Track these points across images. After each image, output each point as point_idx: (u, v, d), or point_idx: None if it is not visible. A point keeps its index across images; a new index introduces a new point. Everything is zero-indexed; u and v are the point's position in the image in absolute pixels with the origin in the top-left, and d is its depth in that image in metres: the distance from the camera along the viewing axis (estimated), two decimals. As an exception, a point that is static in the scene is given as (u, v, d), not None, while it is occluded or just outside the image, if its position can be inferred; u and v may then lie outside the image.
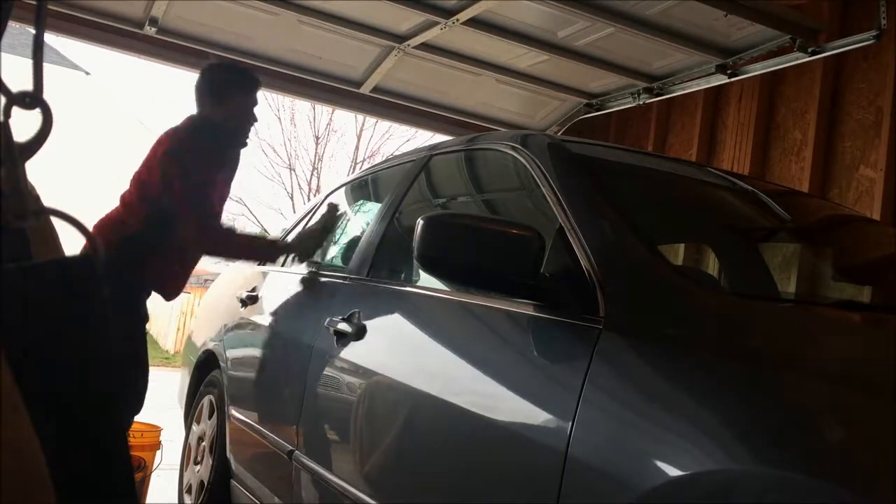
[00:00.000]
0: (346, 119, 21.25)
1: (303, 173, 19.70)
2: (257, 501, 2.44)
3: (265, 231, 17.61)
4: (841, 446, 0.93)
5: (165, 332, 13.76)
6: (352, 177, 3.21)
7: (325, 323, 2.14)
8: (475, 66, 3.88)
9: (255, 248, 2.91)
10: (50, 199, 0.57)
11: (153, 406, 2.55)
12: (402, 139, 18.59)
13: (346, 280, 2.31)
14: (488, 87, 4.11)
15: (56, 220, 0.57)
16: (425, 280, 1.98)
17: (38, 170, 0.69)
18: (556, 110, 4.36)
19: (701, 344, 1.19)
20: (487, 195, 2.34)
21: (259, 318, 2.80)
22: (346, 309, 2.11)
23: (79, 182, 16.84)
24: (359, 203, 3.02)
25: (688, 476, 1.00)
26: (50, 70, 4.01)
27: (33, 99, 0.55)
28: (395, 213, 2.30)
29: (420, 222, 1.46)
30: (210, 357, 3.15)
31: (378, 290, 2.16)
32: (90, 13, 3.51)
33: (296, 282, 2.74)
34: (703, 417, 1.06)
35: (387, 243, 2.25)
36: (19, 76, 0.58)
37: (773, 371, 1.06)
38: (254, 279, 3.14)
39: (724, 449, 0.99)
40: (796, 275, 2.58)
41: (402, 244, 2.20)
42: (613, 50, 3.55)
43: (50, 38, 5.48)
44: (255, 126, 2.79)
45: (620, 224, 1.54)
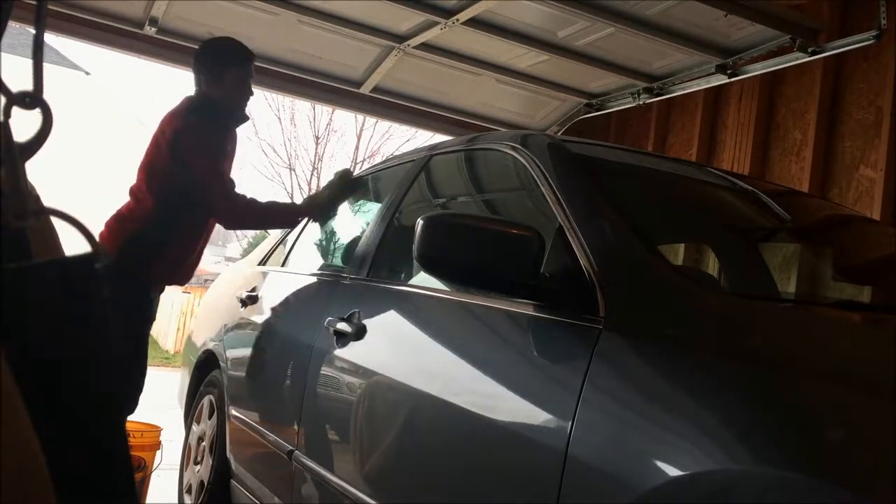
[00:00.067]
0: (346, 119, 21.28)
1: (303, 173, 19.70)
2: (257, 501, 2.44)
3: (265, 231, 17.61)
4: (841, 446, 0.93)
5: (165, 332, 13.76)
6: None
7: (325, 323, 2.14)
8: (475, 66, 3.88)
9: (280, 212, 2.97)
10: (50, 199, 0.57)
11: (153, 406, 2.55)
12: (402, 139, 18.59)
13: (346, 280, 2.31)
14: (488, 87, 4.10)
15: (56, 220, 0.57)
16: (425, 280, 1.98)
17: (38, 170, 0.69)
18: (556, 110, 4.35)
19: (701, 344, 1.19)
20: (487, 195, 2.34)
21: (259, 318, 2.80)
22: (346, 309, 2.11)
23: (79, 182, 16.85)
24: (359, 203, 3.02)
25: (688, 476, 1.00)
26: (50, 70, 4.01)
27: (33, 99, 0.55)
28: (395, 213, 2.30)
29: (420, 222, 1.46)
30: (210, 357, 3.14)
31: (378, 290, 2.16)
32: (90, 13, 3.51)
33: (296, 282, 2.74)
34: (703, 417, 1.06)
35: (387, 243, 2.25)
36: (19, 76, 0.58)
37: (773, 371, 1.06)
38: (254, 279, 3.14)
39: (724, 449, 0.99)
40: (796, 275, 2.58)
41: (402, 244, 2.20)
42: (613, 50, 3.55)
43: (50, 38, 5.48)
44: (254, 124, 2.85)
45: (620, 224, 1.54)
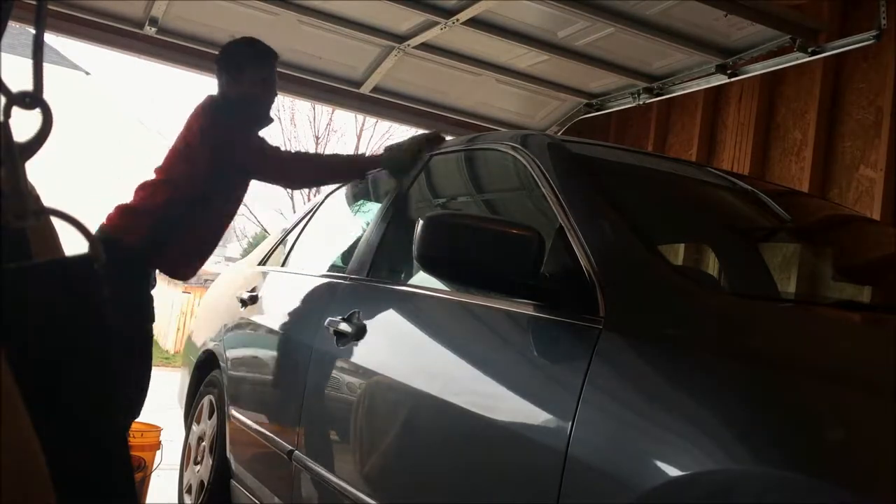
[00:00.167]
0: (346, 119, 21.27)
1: (303, 173, 19.64)
2: (257, 501, 2.44)
3: (265, 231, 17.61)
4: (841, 446, 0.93)
5: (165, 332, 13.76)
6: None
7: (325, 323, 2.14)
8: (475, 66, 3.87)
9: (343, 163, 2.81)
10: (50, 199, 0.57)
11: (153, 406, 2.55)
12: (398, 139, 18.57)
13: (346, 280, 2.31)
14: (488, 87, 4.10)
15: (56, 220, 0.57)
16: (425, 280, 1.98)
17: (38, 170, 0.69)
18: (556, 110, 4.35)
19: (701, 344, 1.19)
20: (487, 195, 2.34)
21: (259, 318, 2.80)
22: (346, 309, 2.11)
23: (79, 182, 16.85)
24: (359, 203, 3.02)
25: (688, 476, 1.00)
26: (50, 70, 4.01)
27: (33, 99, 0.55)
28: (395, 213, 2.30)
29: (420, 222, 1.46)
30: (210, 357, 3.14)
31: (378, 290, 2.16)
32: (90, 13, 3.51)
33: (296, 282, 2.74)
34: (703, 417, 1.06)
35: (387, 243, 2.25)
36: (19, 76, 0.58)
37: (773, 371, 1.06)
38: (254, 279, 3.14)
39: (724, 449, 0.99)
40: (796, 275, 2.58)
41: (402, 244, 2.20)
42: (613, 50, 3.55)
43: (50, 38, 5.48)
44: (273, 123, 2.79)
45: (620, 224, 1.54)
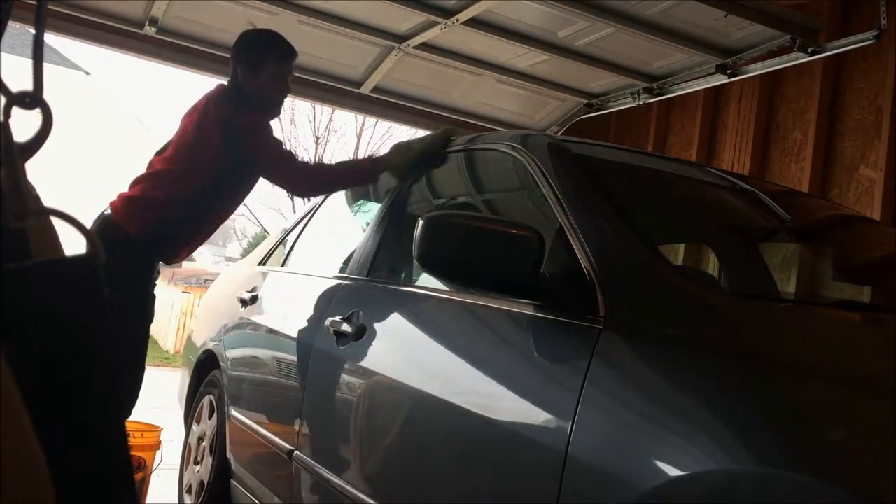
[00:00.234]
0: (346, 119, 21.27)
1: (303, 173, 19.67)
2: (257, 501, 2.44)
3: (265, 231, 17.61)
4: (841, 446, 0.93)
5: (165, 332, 13.76)
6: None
7: (326, 323, 2.14)
8: (475, 66, 3.87)
9: (352, 172, 2.76)
10: (50, 199, 0.57)
11: (153, 406, 2.54)
12: (402, 139, 18.59)
13: (346, 280, 2.31)
14: (488, 87, 4.10)
15: (56, 220, 0.57)
16: (425, 280, 1.98)
17: (38, 170, 0.69)
18: (556, 110, 4.35)
19: (701, 344, 1.19)
20: (487, 195, 2.34)
21: (259, 318, 2.80)
22: (346, 309, 2.11)
23: (79, 182, 16.85)
24: (359, 203, 3.02)
25: (688, 476, 1.00)
26: (50, 70, 4.01)
27: (33, 99, 0.55)
28: (396, 213, 2.30)
29: (420, 222, 1.46)
30: (210, 357, 3.14)
31: (378, 290, 2.16)
32: (90, 13, 3.51)
33: (296, 282, 2.74)
34: (703, 417, 1.06)
35: (386, 243, 2.25)
36: (19, 76, 0.58)
37: (772, 371, 1.06)
38: (254, 279, 3.14)
39: (724, 449, 0.99)
40: (796, 275, 2.58)
41: (401, 244, 2.20)
42: (613, 50, 3.55)
43: (50, 38, 5.47)
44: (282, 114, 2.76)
45: (620, 224, 1.54)
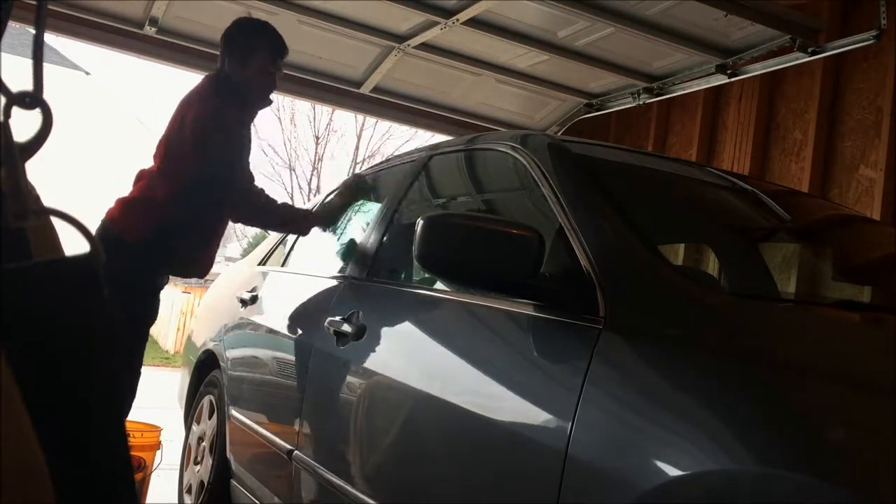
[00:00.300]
0: (346, 119, 21.28)
1: (303, 173, 19.74)
2: (257, 501, 2.44)
3: (265, 231, 17.59)
4: (841, 446, 0.93)
5: (165, 332, 13.76)
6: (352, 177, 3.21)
7: (325, 323, 2.14)
8: (475, 66, 3.87)
9: (289, 218, 2.81)
10: (50, 199, 0.57)
11: (153, 406, 2.54)
12: (402, 139, 18.60)
13: (346, 280, 2.31)
14: (488, 87, 4.10)
15: (56, 220, 0.57)
16: (425, 280, 1.98)
17: (38, 170, 0.69)
18: (556, 110, 4.35)
19: (701, 344, 1.19)
20: (487, 195, 2.34)
21: (259, 318, 2.80)
22: (346, 309, 2.11)
23: (79, 182, 16.84)
24: (359, 203, 3.02)
25: (688, 476, 1.00)
26: (50, 70, 4.01)
27: (33, 99, 0.55)
28: (395, 213, 2.30)
29: (420, 222, 1.46)
30: (210, 357, 3.15)
31: (378, 290, 2.16)
32: (90, 13, 3.51)
33: (296, 282, 2.74)
34: (703, 417, 1.06)
35: (387, 243, 2.25)
36: (19, 76, 0.58)
37: (772, 371, 1.06)
38: (254, 279, 3.14)
39: (724, 449, 0.99)
40: (796, 275, 2.58)
41: (402, 244, 2.20)
42: (613, 50, 3.55)
43: (50, 38, 5.48)
44: (255, 124, 2.74)
45: (620, 224, 1.54)
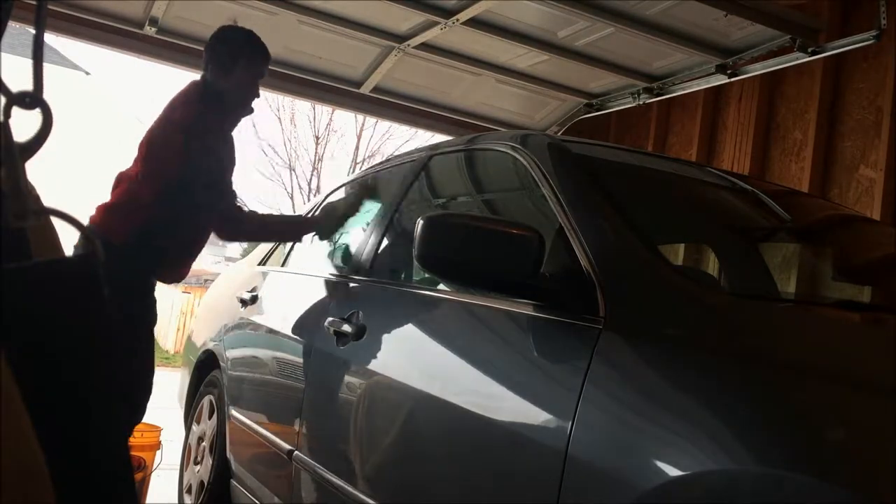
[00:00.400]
0: (346, 119, 21.29)
1: (303, 173, 19.72)
2: (257, 501, 2.44)
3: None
4: (841, 446, 0.93)
5: (165, 332, 13.76)
6: (352, 177, 3.21)
7: (325, 323, 2.14)
8: (475, 66, 3.88)
9: (277, 230, 2.86)
10: (50, 199, 0.57)
11: (153, 406, 2.55)
12: (402, 139, 18.59)
13: (345, 280, 2.31)
14: (488, 87, 4.10)
15: (56, 220, 0.57)
16: (425, 280, 1.98)
17: (38, 170, 0.69)
18: (556, 110, 4.35)
19: (701, 344, 1.19)
20: (487, 195, 2.34)
21: (259, 318, 2.80)
22: (346, 309, 2.11)
23: (79, 182, 16.84)
24: (359, 204, 3.02)
25: (688, 476, 1.00)
26: (50, 70, 4.01)
27: (33, 99, 0.55)
28: (395, 213, 2.30)
29: (420, 222, 1.46)
30: (210, 357, 3.14)
31: (378, 290, 2.15)
32: (90, 13, 3.51)
33: (296, 282, 2.74)
34: (703, 417, 1.06)
35: (387, 243, 2.25)
36: (19, 76, 0.58)
37: (772, 371, 1.06)
38: (254, 279, 3.14)
39: (724, 449, 0.99)
40: (796, 275, 2.58)
41: (402, 244, 2.20)
42: (613, 50, 3.55)
43: (50, 38, 5.48)
44: (254, 123, 2.75)
45: (620, 224, 1.54)
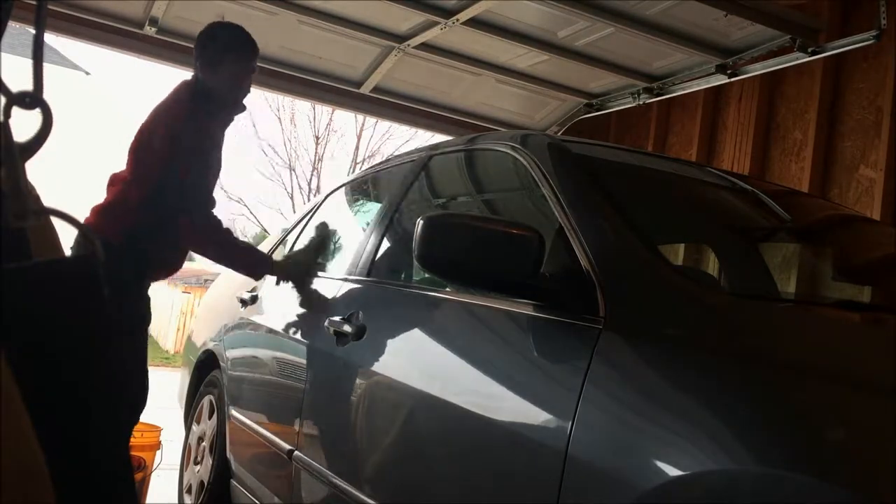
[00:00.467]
0: (346, 119, 21.29)
1: (303, 173, 19.74)
2: (257, 501, 2.44)
3: (265, 231, 17.62)
4: (841, 446, 0.93)
5: (165, 332, 13.77)
6: (352, 177, 3.21)
7: (325, 323, 2.14)
8: (475, 66, 3.88)
9: (247, 256, 2.61)
10: (50, 199, 0.57)
11: (153, 406, 2.55)
12: (402, 139, 18.61)
13: (345, 280, 2.31)
14: (488, 87, 4.10)
15: (56, 220, 0.57)
16: (425, 280, 1.98)
17: (38, 170, 0.69)
18: (556, 110, 4.35)
19: (701, 344, 1.19)
20: (487, 195, 2.34)
21: (259, 318, 2.80)
22: (345, 309, 2.11)
23: (79, 182, 16.84)
24: (359, 203, 3.02)
25: (688, 476, 1.00)
26: (50, 70, 4.01)
27: (33, 99, 0.55)
28: (395, 213, 2.30)
29: (420, 222, 1.46)
30: (210, 357, 3.14)
31: (378, 290, 2.15)
32: (90, 13, 3.51)
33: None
34: (703, 417, 1.06)
35: (386, 243, 2.25)
36: (19, 76, 0.58)
37: (772, 371, 1.06)
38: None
39: (724, 449, 0.99)
40: (796, 275, 2.58)
41: (401, 244, 2.20)
42: (613, 50, 3.55)
43: (50, 38, 5.48)
44: (254, 123, 2.66)
45: (620, 224, 1.54)
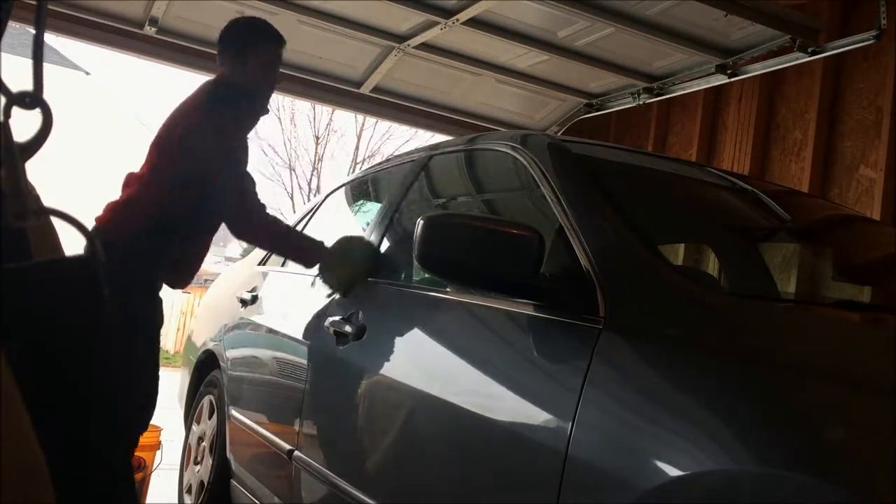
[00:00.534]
0: (346, 119, 21.29)
1: (303, 173, 19.72)
2: (257, 501, 2.44)
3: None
4: (841, 446, 0.93)
5: (165, 332, 13.77)
6: (352, 177, 3.21)
7: (325, 323, 2.14)
8: (475, 66, 3.88)
9: (294, 246, 2.57)
10: (50, 199, 0.57)
11: (153, 406, 2.55)
12: (402, 139, 18.60)
13: (346, 280, 2.31)
14: (488, 87, 4.10)
15: (56, 220, 0.57)
16: (425, 280, 1.98)
17: (38, 170, 0.69)
18: (556, 110, 4.35)
19: (701, 344, 1.19)
20: (487, 195, 2.34)
21: (259, 318, 2.80)
22: (346, 309, 2.11)
23: (79, 182, 16.84)
24: (359, 203, 3.02)
25: (688, 476, 1.00)
26: (50, 70, 4.01)
27: (33, 99, 0.55)
28: (395, 213, 2.30)
29: (420, 222, 1.46)
30: (210, 357, 3.14)
31: (378, 290, 2.15)
32: (90, 13, 3.51)
33: (296, 282, 2.74)
34: (703, 417, 1.06)
35: (386, 243, 2.25)
36: (19, 76, 0.58)
37: (772, 371, 1.06)
38: (254, 279, 3.14)
39: (724, 449, 0.99)
40: (796, 275, 2.58)
41: (401, 244, 2.20)
42: (613, 50, 3.55)
43: (50, 38, 5.49)
44: (269, 113, 2.59)
45: (620, 224, 1.54)
